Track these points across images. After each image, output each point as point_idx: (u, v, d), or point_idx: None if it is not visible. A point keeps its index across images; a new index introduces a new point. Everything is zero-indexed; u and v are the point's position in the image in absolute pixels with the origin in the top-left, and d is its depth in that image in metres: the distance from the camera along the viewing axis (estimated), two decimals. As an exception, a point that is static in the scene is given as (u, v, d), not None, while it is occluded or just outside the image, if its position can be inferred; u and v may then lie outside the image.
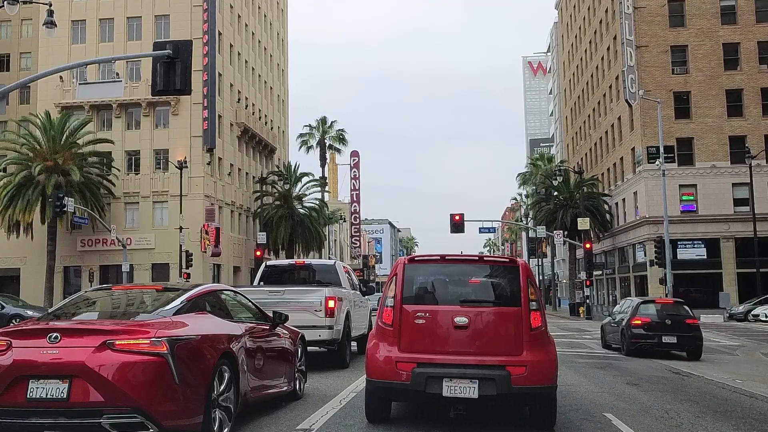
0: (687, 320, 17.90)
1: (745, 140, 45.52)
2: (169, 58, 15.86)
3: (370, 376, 7.46)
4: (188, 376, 6.04)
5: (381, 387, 7.40)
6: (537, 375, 7.07)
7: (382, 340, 7.41)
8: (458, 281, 7.88)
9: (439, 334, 7.30)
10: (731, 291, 44.08)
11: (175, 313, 6.61)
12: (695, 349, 17.67)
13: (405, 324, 7.34)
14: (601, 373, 13.48)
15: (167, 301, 6.92)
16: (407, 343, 7.28)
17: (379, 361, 7.31)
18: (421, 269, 7.85)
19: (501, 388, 6.95)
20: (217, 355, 6.54)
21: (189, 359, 6.09)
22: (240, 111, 56.25)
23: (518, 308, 7.30)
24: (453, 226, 48.48)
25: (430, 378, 7.07)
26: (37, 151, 43.83)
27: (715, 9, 47.79)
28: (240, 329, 7.43)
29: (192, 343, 6.23)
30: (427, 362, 7.15)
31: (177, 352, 5.94)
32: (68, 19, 50.38)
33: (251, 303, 8.65)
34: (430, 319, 7.36)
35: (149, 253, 47.52)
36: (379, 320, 7.55)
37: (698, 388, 11.47)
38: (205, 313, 7.10)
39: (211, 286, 7.99)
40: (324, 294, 12.54)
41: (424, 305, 7.50)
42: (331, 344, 12.84)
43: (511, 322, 7.27)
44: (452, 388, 7.04)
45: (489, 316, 7.36)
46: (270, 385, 8.18)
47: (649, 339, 17.60)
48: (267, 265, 15.44)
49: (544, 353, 7.24)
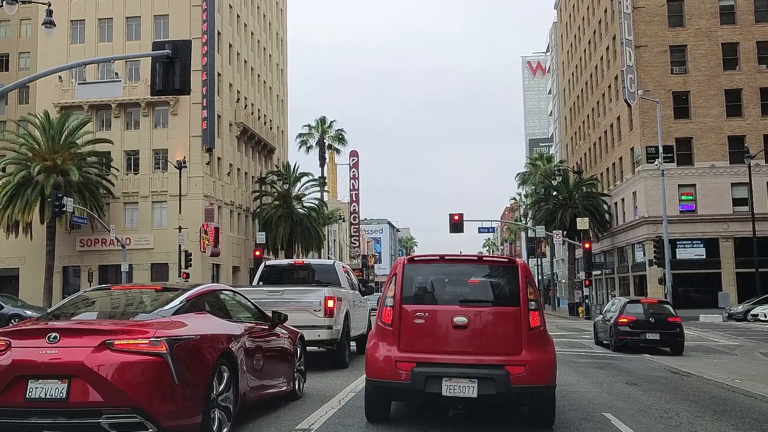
0: (669, 318, 19.42)
1: (744, 140, 45.52)
2: (168, 58, 15.86)
3: (370, 376, 7.45)
4: (187, 375, 6.04)
5: (380, 386, 7.39)
6: (536, 374, 7.06)
7: (382, 340, 7.40)
8: (457, 281, 7.85)
9: (439, 334, 7.30)
10: (730, 291, 44.07)
11: (175, 313, 6.60)
12: (677, 345, 19.05)
13: (404, 324, 7.33)
14: (600, 372, 13.48)
15: (166, 301, 6.91)
16: (407, 342, 7.27)
17: (379, 361, 7.31)
18: (420, 269, 7.81)
19: (500, 388, 6.95)
20: (216, 355, 6.53)
21: (188, 359, 6.09)
22: (239, 111, 56.23)
23: (517, 308, 7.29)
24: (452, 225, 48.49)
25: (430, 377, 7.06)
26: (36, 151, 43.79)
27: (714, 9, 47.79)
28: (239, 329, 7.41)
29: (191, 343, 6.23)
30: (427, 362, 7.13)
31: (176, 352, 5.93)
32: (67, 19, 50.34)
33: (250, 303, 8.65)
34: (429, 319, 7.34)
35: (148, 253, 47.50)
36: (379, 320, 7.54)
37: (697, 388, 11.47)
38: (205, 313, 7.09)
39: (210, 286, 7.97)
40: (323, 294, 12.54)
41: (424, 305, 7.49)
42: (330, 344, 12.84)
43: (509, 321, 7.26)
44: (451, 387, 7.03)
45: (488, 316, 7.35)
46: (269, 385, 8.17)
47: (635, 336, 19.05)
48: (266, 265, 15.45)
49: (542, 353, 7.23)
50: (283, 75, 72.79)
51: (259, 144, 61.65)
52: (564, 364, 14.77)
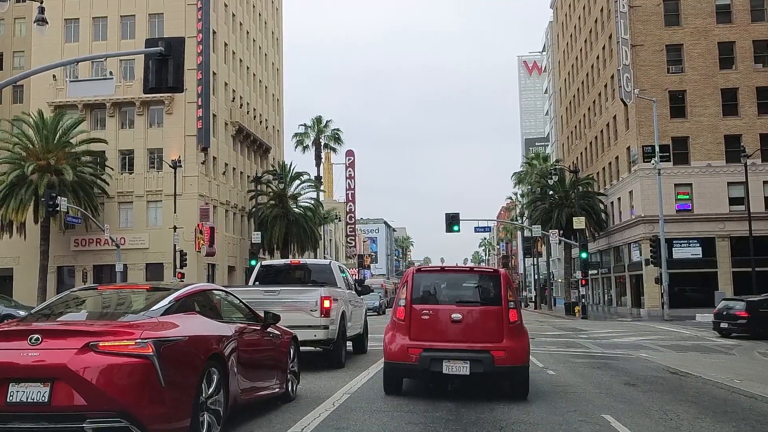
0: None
1: (741, 139, 45.42)
2: (162, 55, 15.68)
3: (388, 359, 9.66)
4: (175, 378, 5.84)
5: (396, 367, 9.60)
6: (514, 357, 9.24)
7: (397, 332, 9.60)
8: (454, 286, 10.12)
9: (440, 327, 9.46)
10: (726, 290, 43.87)
11: (163, 313, 6.40)
12: None
13: (414, 319, 9.51)
14: (598, 372, 13.31)
15: (155, 301, 6.71)
16: (415, 333, 9.46)
17: (395, 348, 9.51)
18: (425, 277, 10.10)
19: (486, 367, 9.13)
20: (205, 357, 6.34)
21: (176, 361, 5.89)
22: (235, 110, 55.98)
23: (500, 307, 9.46)
24: (448, 225, 48.42)
25: (433, 359, 9.21)
26: (30, 150, 43.53)
27: (711, 8, 47.70)
28: (230, 330, 7.22)
29: (179, 345, 6.03)
30: (431, 348, 9.29)
31: (163, 353, 5.73)
32: (61, 18, 50.08)
33: (242, 303, 8.46)
34: (432, 315, 9.54)
35: (143, 253, 47.25)
36: (394, 316, 9.77)
37: (697, 389, 11.31)
38: (194, 313, 6.89)
39: (200, 285, 7.79)
40: (319, 294, 12.41)
41: (428, 305, 9.67)
42: (326, 344, 12.70)
43: (494, 317, 9.43)
44: (450, 367, 9.17)
45: (477, 313, 9.56)
46: (261, 387, 7.98)
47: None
48: (262, 265, 15.30)
49: (519, 341, 9.44)
50: (279, 74, 72.53)
51: (254, 143, 61.41)
52: (561, 364, 14.62)
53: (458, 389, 10.12)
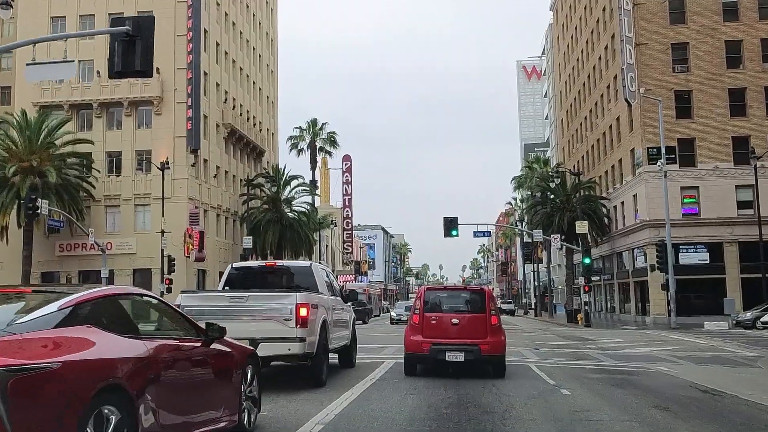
0: None
1: (749, 140, 43.94)
2: (128, 36, 14.11)
3: (407, 351, 13.44)
4: (35, 425, 4.12)
5: (413, 356, 13.37)
6: (494, 349, 13.07)
7: (413, 332, 13.40)
8: (453, 299, 14.16)
9: (443, 328, 13.24)
10: (735, 297, 42.35)
11: (35, 327, 4.66)
12: None
13: (425, 323, 13.34)
14: (620, 392, 11.64)
15: (30, 309, 4.92)
16: (426, 333, 13.22)
17: (412, 343, 13.30)
18: (433, 293, 14.40)
19: (476, 356, 12.89)
20: (93, 390, 4.57)
21: (39, 398, 4.16)
22: (227, 111, 54.43)
23: (484, 314, 13.36)
24: (447, 229, 46.93)
25: (439, 351, 12.91)
26: (12, 151, 42.01)
27: (717, 5, 46.27)
28: (144, 349, 5.39)
29: (46, 375, 4.24)
30: (437, 343, 13.03)
31: (15, 388, 4.01)
32: (48, 16, 48.66)
33: (177, 312, 6.68)
34: (438, 320, 13.39)
35: (130, 258, 45.63)
36: (410, 321, 13.83)
37: (740, 413, 9.64)
38: (90, 327, 5.04)
39: (107, 289, 5.86)
40: (295, 300, 10.57)
41: (435, 312, 13.56)
42: (303, 359, 10.93)
43: (480, 321, 13.30)
44: (450, 356, 12.86)
45: (469, 318, 13.42)
46: (199, 422, 6.15)
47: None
48: (234, 267, 13.44)
49: (498, 338, 13.23)
50: (274, 76, 71.00)
51: (247, 146, 59.85)
52: (575, 381, 12.99)
53: (456, 371, 13.29)
